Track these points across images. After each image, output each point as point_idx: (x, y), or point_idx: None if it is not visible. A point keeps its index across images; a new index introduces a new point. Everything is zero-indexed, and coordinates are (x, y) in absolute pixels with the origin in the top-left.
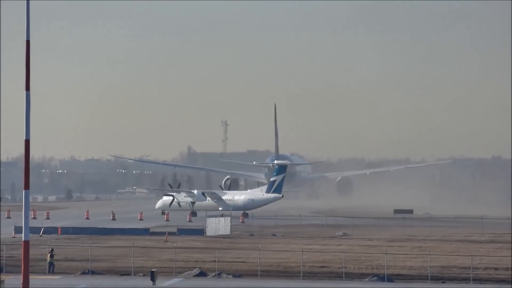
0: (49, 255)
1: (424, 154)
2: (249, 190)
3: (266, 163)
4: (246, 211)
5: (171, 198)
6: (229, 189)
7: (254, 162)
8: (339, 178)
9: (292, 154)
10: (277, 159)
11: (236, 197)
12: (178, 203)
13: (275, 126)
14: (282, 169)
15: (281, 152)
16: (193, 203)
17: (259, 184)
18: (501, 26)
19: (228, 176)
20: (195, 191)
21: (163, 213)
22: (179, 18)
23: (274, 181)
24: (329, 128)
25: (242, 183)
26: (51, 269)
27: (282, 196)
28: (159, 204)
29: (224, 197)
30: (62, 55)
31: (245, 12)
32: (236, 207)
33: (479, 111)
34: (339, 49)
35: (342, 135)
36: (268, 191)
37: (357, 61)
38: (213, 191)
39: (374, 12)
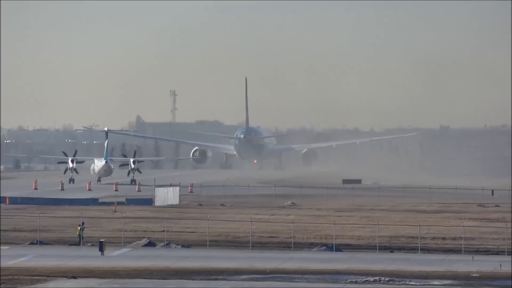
0: (79, 227)
1: (373, 124)
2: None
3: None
4: (134, 179)
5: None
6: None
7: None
8: (305, 150)
9: (259, 127)
10: (247, 131)
11: (98, 164)
12: (66, 169)
13: (246, 99)
14: (106, 135)
15: (227, 123)
16: (71, 169)
17: (227, 156)
18: None
19: (197, 148)
20: (69, 159)
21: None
22: None
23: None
24: (277, 99)
25: (210, 154)
26: (81, 240)
27: (106, 162)
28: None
29: (95, 165)
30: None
31: None
32: (97, 174)
33: (427, 81)
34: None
35: (290, 106)
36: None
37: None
38: (93, 158)
39: None
